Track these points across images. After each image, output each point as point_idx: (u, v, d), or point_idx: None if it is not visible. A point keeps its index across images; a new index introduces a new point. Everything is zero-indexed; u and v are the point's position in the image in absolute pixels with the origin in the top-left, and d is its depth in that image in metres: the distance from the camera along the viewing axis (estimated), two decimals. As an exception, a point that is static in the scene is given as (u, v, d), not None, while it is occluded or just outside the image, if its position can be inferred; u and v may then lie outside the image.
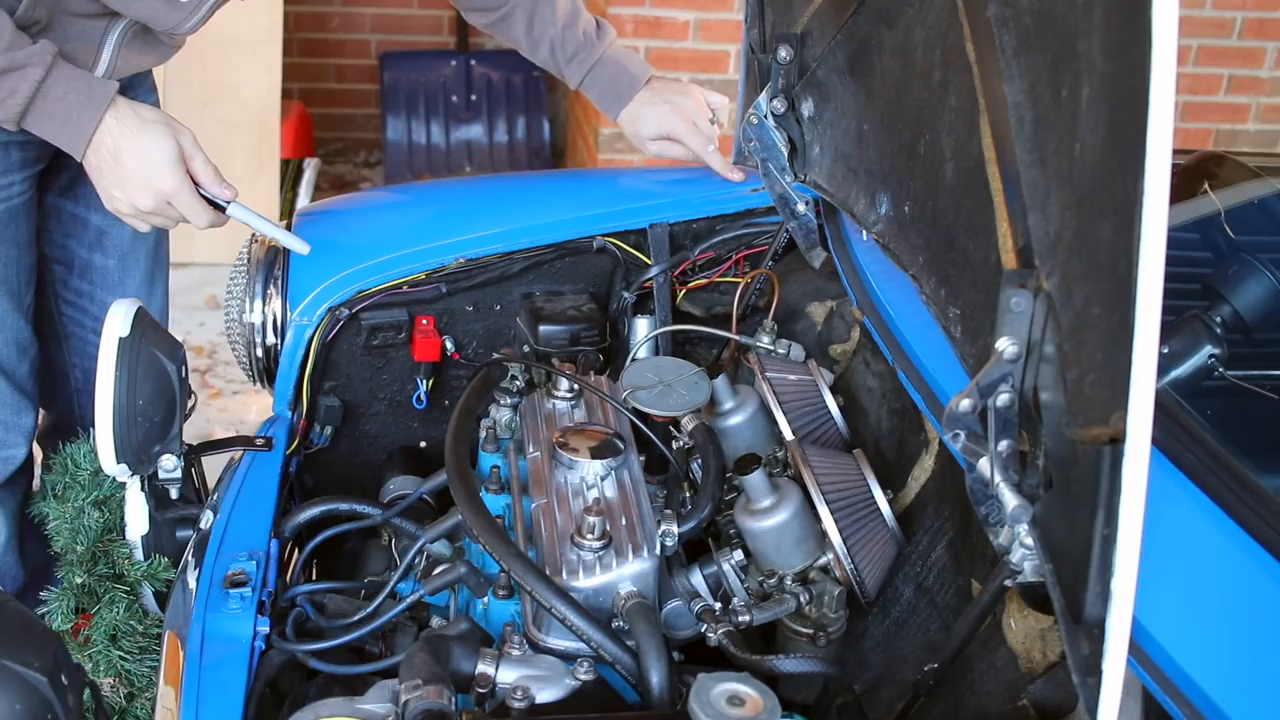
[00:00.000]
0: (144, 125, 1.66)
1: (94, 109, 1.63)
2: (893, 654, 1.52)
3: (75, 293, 2.07)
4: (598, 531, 1.38)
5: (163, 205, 1.68)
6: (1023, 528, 1.10)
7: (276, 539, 1.54)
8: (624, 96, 2.10)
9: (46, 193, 1.98)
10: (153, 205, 1.68)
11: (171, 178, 1.67)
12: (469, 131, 5.18)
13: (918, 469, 1.61)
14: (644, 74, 2.12)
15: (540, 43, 2.10)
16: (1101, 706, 0.92)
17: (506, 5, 2.08)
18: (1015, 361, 1.05)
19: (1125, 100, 0.85)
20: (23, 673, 1.12)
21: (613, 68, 2.10)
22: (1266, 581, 1.10)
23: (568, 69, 2.10)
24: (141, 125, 1.66)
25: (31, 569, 2.05)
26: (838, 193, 1.67)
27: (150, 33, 1.80)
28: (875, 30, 1.48)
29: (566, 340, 1.90)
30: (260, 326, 1.87)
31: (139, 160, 1.65)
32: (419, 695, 1.12)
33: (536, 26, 2.08)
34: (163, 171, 1.66)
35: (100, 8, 1.72)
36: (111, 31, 1.76)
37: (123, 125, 1.65)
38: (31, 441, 1.93)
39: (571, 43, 2.08)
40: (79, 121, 1.63)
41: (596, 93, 2.12)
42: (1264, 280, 1.69)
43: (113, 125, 1.64)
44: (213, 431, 3.48)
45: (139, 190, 1.67)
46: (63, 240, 2.03)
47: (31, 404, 1.92)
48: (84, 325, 2.09)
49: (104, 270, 2.06)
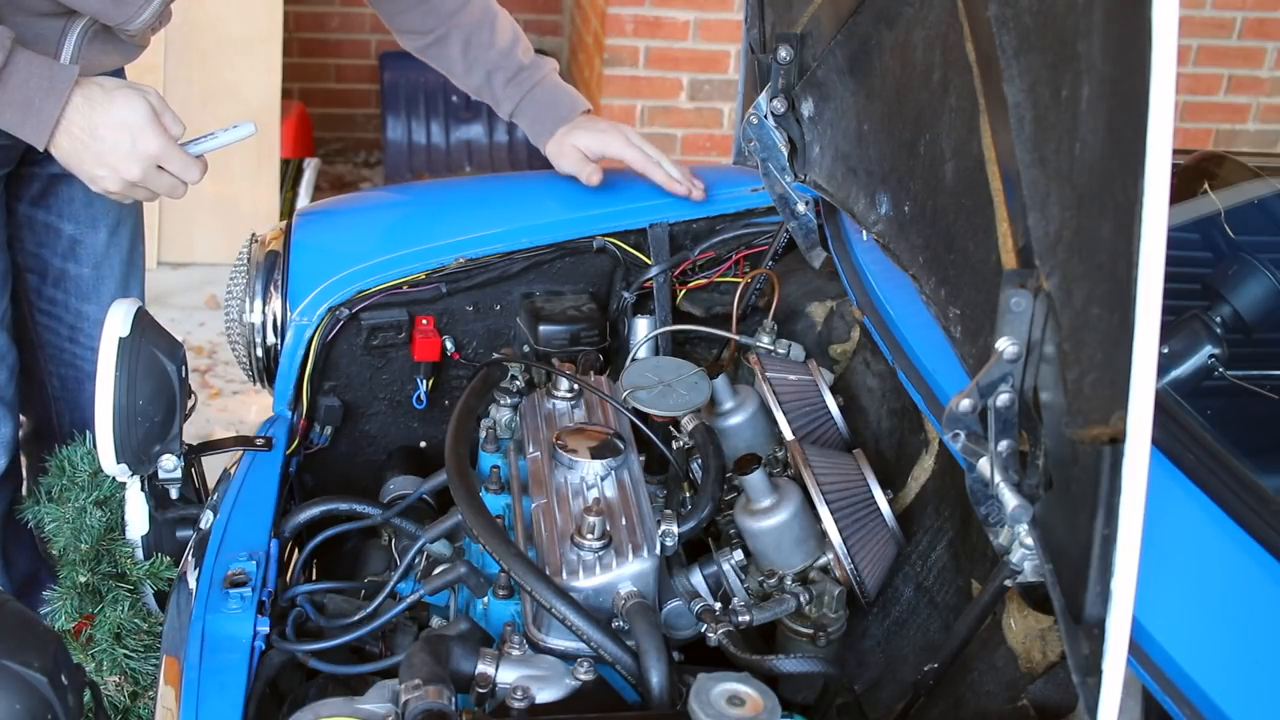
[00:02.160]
0: (110, 94, 1.61)
1: (58, 93, 1.58)
2: (893, 654, 1.52)
3: (49, 301, 2.05)
4: (598, 531, 1.38)
5: (151, 170, 1.64)
6: (1023, 528, 1.10)
7: (276, 539, 1.54)
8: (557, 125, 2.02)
9: (18, 203, 1.96)
10: (140, 172, 1.63)
11: (156, 138, 1.62)
12: (469, 131, 5.17)
13: (918, 469, 1.61)
14: (580, 106, 2.05)
15: (475, 67, 2.02)
16: (1101, 706, 0.92)
17: (443, 27, 2.01)
18: (1015, 361, 1.05)
19: (1125, 100, 0.85)
20: (23, 673, 1.12)
21: (550, 94, 2.03)
22: (1266, 581, 1.10)
23: (502, 94, 2.03)
24: (108, 95, 1.61)
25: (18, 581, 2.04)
26: (838, 193, 1.67)
27: (110, 31, 1.77)
28: (875, 30, 1.48)
29: (566, 340, 1.90)
30: (260, 326, 1.87)
31: (118, 130, 1.61)
32: (419, 695, 1.12)
33: (473, 50, 2.01)
34: (144, 134, 1.61)
35: (57, 6, 1.68)
36: (70, 31, 1.72)
37: (90, 101, 1.60)
38: (12, 452, 1.91)
39: (509, 69, 2.02)
40: (42, 107, 1.58)
41: (527, 120, 2.04)
42: (1264, 280, 1.69)
43: (80, 103, 1.59)
44: (213, 431, 3.48)
45: (124, 160, 1.62)
46: (35, 250, 2.01)
47: (11, 414, 1.90)
48: (59, 334, 2.07)
49: (78, 279, 2.04)
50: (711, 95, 4.42)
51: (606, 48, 4.32)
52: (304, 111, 4.82)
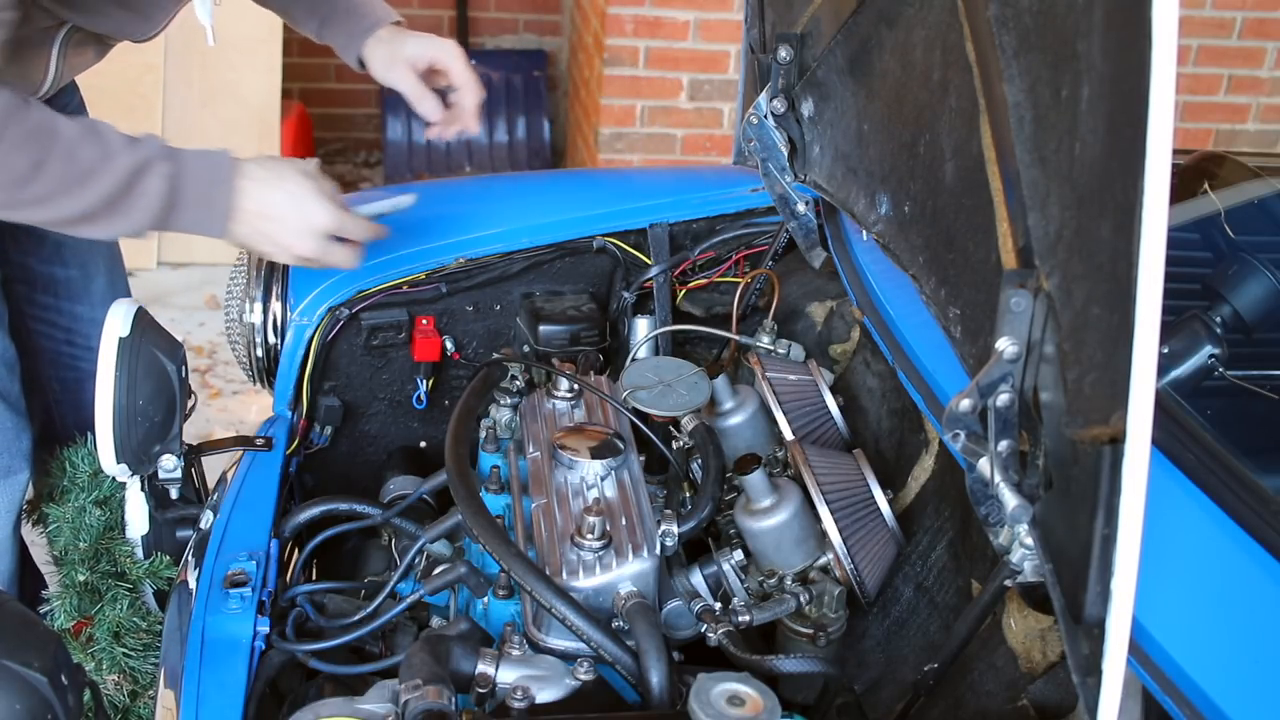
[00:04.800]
0: (273, 170, 1.58)
1: (225, 178, 1.54)
2: (893, 654, 1.52)
3: (42, 308, 2.04)
4: (598, 531, 1.38)
5: (324, 243, 1.60)
6: (1023, 528, 1.10)
7: (276, 539, 1.54)
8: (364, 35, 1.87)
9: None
10: (314, 246, 1.60)
11: (325, 209, 1.59)
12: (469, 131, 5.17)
13: (918, 469, 1.61)
14: (388, 16, 1.90)
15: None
16: (1101, 706, 0.92)
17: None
18: (1015, 361, 1.05)
19: (1125, 100, 0.85)
20: (23, 673, 1.12)
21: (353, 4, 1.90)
22: (1266, 581, 1.10)
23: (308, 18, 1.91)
24: (271, 172, 1.57)
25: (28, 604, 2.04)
26: (838, 193, 1.67)
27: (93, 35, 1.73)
28: (875, 30, 1.48)
29: (566, 340, 1.90)
30: (260, 326, 1.86)
31: (288, 205, 1.57)
32: (419, 695, 1.12)
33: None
34: (314, 206, 1.58)
35: (51, 19, 1.64)
36: (56, 38, 1.68)
37: (255, 181, 1.56)
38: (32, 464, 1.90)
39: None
40: (216, 197, 1.54)
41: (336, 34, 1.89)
42: (1264, 280, 1.69)
43: (248, 186, 1.55)
44: (213, 431, 3.48)
45: (298, 237, 1.58)
46: (20, 259, 1.99)
47: (27, 424, 1.89)
48: (55, 338, 2.06)
49: (67, 281, 2.03)
50: (711, 95, 4.42)
51: (606, 48, 4.32)
52: (304, 111, 4.82)
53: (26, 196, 1.45)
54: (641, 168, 4.29)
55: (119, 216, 1.49)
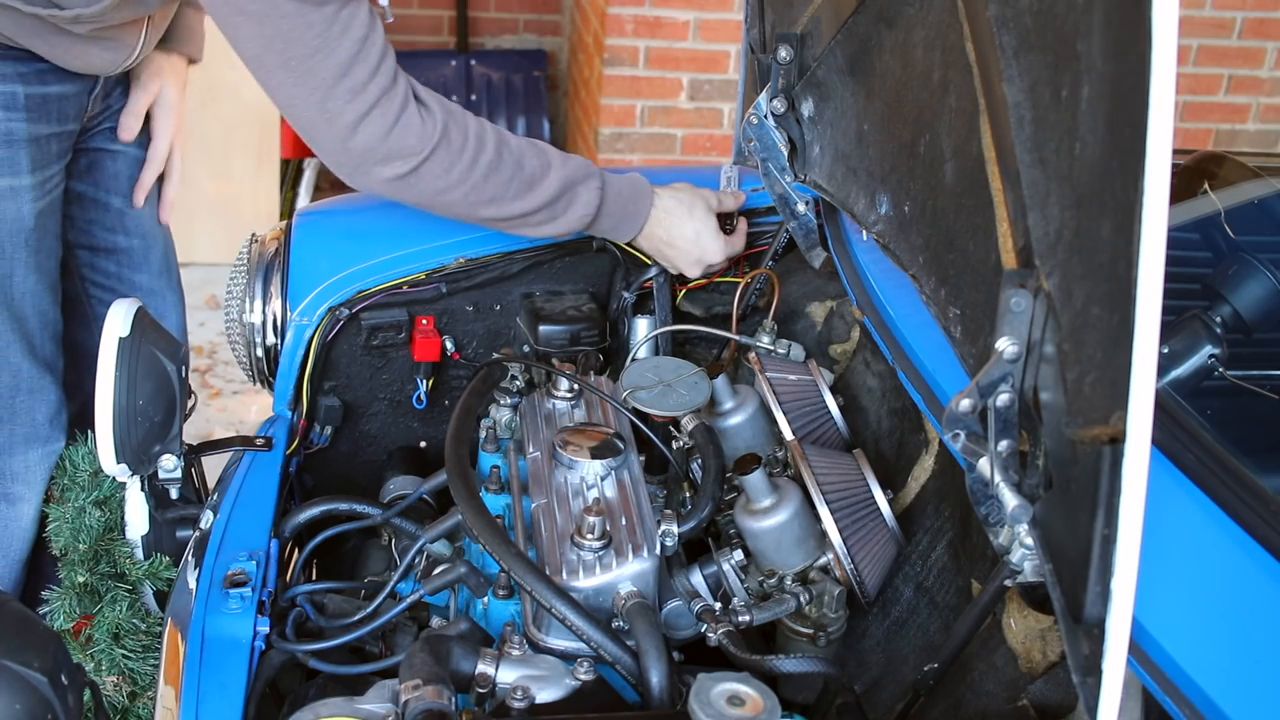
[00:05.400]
0: (684, 205, 1.86)
1: (643, 210, 1.83)
2: (893, 654, 1.52)
3: (104, 274, 2.09)
4: (598, 531, 1.38)
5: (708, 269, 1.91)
6: (1023, 528, 1.10)
7: (276, 539, 1.54)
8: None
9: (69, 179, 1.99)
10: (700, 272, 1.91)
11: (719, 251, 1.89)
12: (469, 131, 5.18)
13: (918, 469, 1.61)
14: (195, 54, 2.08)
15: None
16: (1101, 706, 0.92)
17: None
18: (1015, 361, 1.05)
19: (1125, 100, 0.85)
20: (23, 673, 1.12)
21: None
22: (1266, 581, 1.10)
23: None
24: (683, 205, 1.86)
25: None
26: (838, 193, 1.67)
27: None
28: (875, 30, 1.48)
29: (566, 340, 1.90)
30: (260, 326, 1.87)
31: (691, 242, 1.86)
32: (419, 695, 1.12)
33: None
34: (711, 247, 1.88)
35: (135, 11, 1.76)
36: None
37: (668, 213, 1.85)
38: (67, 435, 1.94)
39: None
40: (634, 215, 1.83)
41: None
42: (1264, 280, 1.69)
43: (660, 215, 1.84)
44: (213, 431, 3.48)
45: (692, 267, 1.89)
46: (86, 225, 2.05)
47: (67, 399, 1.94)
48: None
49: (129, 251, 2.09)
50: (711, 95, 4.42)
51: (606, 48, 4.32)
52: (304, 111, 4.81)
53: (484, 195, 1.69)
54: (641, 168, 4.29)
55: (556, 219, 1.76)
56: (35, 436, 1.87)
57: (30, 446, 1.87)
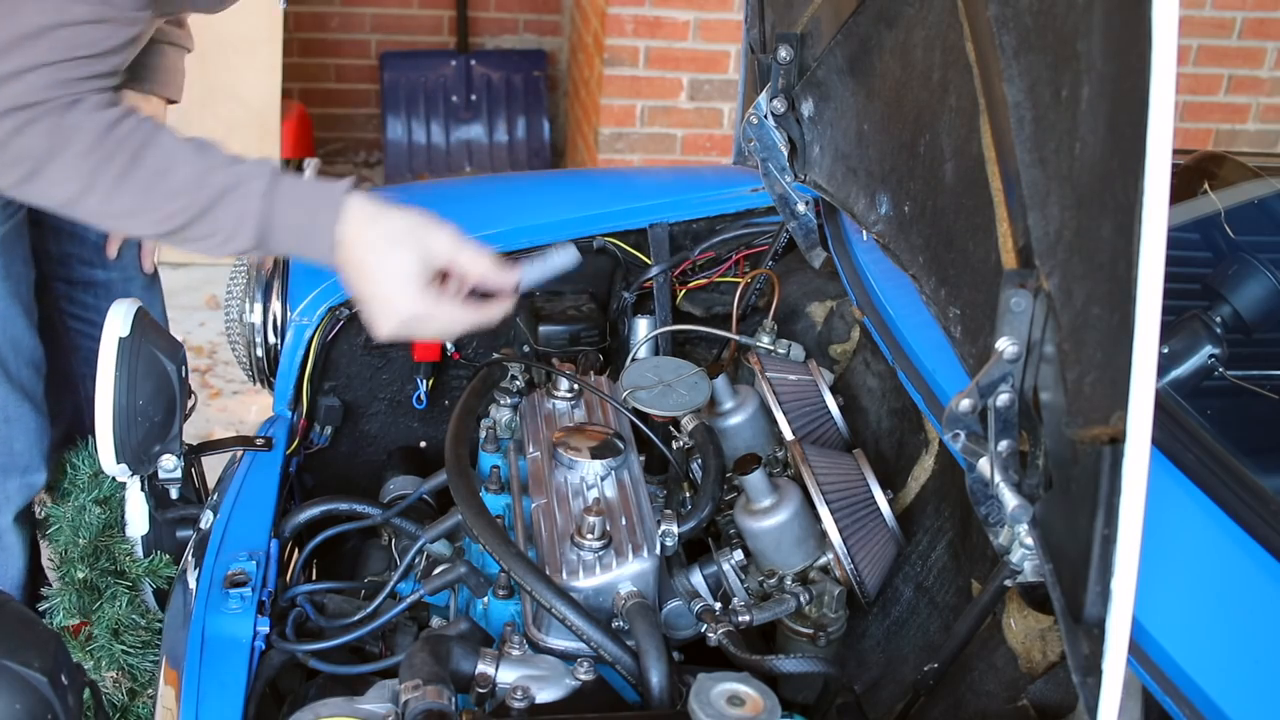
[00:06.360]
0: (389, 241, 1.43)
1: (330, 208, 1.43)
2: (893, 654, 1.52)
3: (81, 306, 2.06)
4: (598, 531, 1.38)
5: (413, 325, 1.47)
6: (1023, 528, 1.10)
7: (276, 539, 1.54)
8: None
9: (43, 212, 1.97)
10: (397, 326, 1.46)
11: (412, 305, 1.43)
12: (469, 131, 5.17)
13: (918, 469, 1.61)
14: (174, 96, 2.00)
15: None
16: (1101, 706, 0.92)
17: None
18: (1015, 361, 1.05)
19: (1125, 100, 0.85)
20: (23, 673, 1.12)
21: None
22: (1266, 581, 1.10)
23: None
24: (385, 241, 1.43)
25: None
26: (838, 193, 1.67)
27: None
28: (875, 30, 1.48)
29: (566, 340, 1.90)
30: (260, 326, 1.86)
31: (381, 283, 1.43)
32: (419, 695, 1.12)
33: None
34: (402, 295, 1.43)
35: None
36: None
37: (362, 238, 1.43)
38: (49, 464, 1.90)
39: None
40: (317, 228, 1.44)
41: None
42: (1264, 280, 1.69)
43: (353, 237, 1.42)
44: (213, 431, 3.48)
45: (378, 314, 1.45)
46: (63, 258, 2.02)
47: (48, 425, 1.89)
48: (93, 337, 2.04)
49: (107, 283, 2.05)
50: (711, 95, 4.42)
51: (606, 48, 4.32)
52: (304, 111, 4.81)
53: (115, 209, 1.43)
54: (641, 168, 4.29)
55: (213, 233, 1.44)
56: (12, 466, 1.82)
57: (8, 477, 1.81)
